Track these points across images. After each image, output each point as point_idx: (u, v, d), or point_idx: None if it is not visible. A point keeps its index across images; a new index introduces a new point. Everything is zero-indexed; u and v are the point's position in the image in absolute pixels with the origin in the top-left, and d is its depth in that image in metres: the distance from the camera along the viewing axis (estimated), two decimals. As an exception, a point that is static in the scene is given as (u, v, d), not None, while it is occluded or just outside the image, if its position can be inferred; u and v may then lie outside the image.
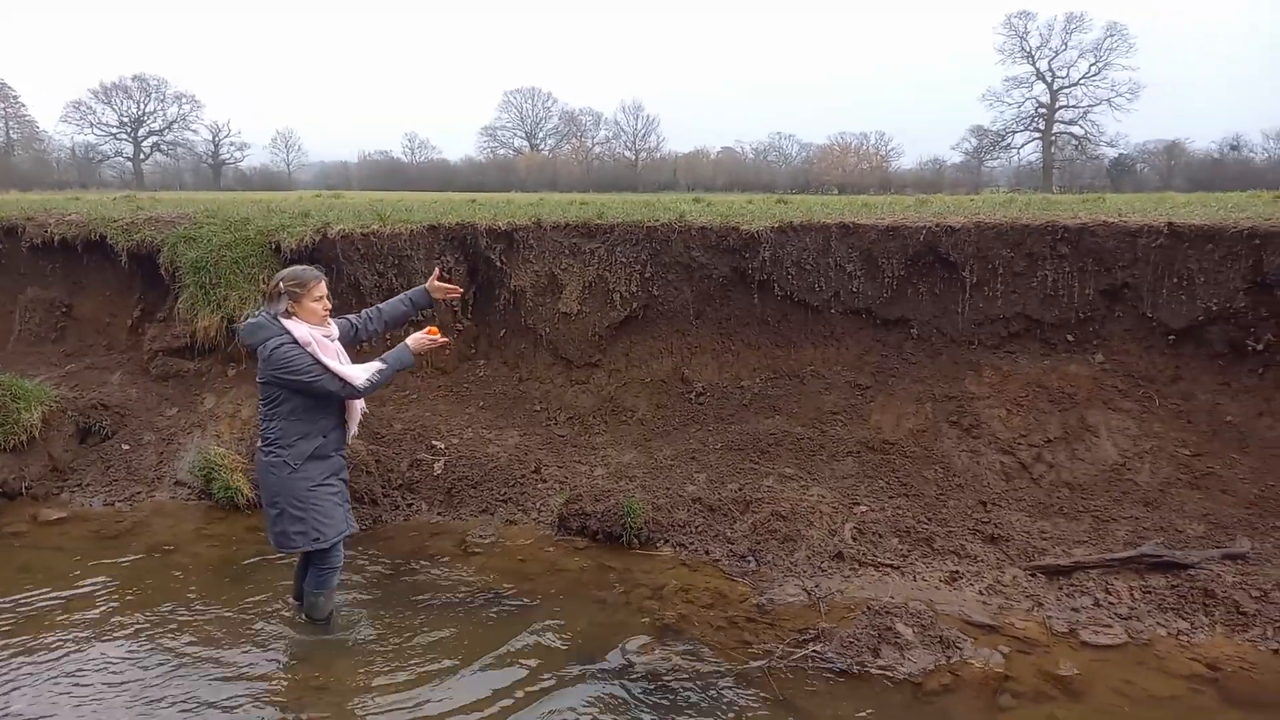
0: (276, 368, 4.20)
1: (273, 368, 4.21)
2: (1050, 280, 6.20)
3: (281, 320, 4.26)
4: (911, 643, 4.32)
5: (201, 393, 7.37)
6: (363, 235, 7.24)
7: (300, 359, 4.20)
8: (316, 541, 4.40)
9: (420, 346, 4.56)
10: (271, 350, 4.18)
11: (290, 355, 4.19)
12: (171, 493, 6.68)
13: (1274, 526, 5.16)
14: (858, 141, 61.22)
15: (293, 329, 4.23)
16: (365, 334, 4.77)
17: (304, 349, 4.22)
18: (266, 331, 4.24)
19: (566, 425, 7.04)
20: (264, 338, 4.23)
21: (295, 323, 4.26)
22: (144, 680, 4.12)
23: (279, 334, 4.22)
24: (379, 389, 4.54)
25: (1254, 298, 5.63)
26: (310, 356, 4.23)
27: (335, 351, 4.39)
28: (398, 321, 4.99)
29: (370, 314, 4.80)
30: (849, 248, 6.67)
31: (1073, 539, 5.31)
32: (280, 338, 4.21)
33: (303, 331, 4.24)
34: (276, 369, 4.20)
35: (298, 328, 4.24)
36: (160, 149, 64.17)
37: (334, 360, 4.31)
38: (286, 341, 4.20)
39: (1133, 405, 5.93)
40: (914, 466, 6.03)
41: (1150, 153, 54.20)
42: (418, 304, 4.92)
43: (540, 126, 68.99)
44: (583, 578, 5.28)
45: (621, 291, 7.11)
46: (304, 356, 4.21)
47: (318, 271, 4.43)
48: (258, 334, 4.25)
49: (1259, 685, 4.02)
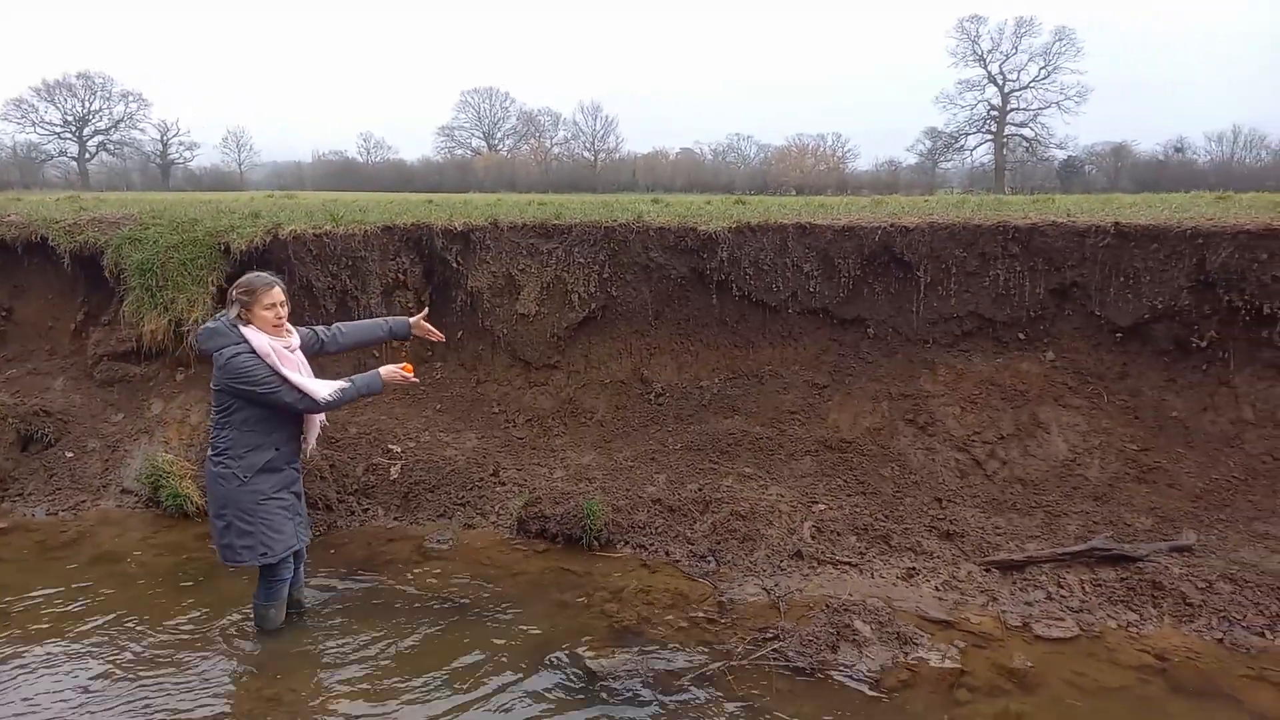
0: (231, 376, 4.09)
1: (227, 376, 4.10)
2: (1002, 280, 6.30)
3: (240, 328, 4.14)
4: (869, 640, 4.36)
5: (148, 398, 7.18)
6: (315, 236, 7.11)
7: (257, 369, 4.09)
8: (264, 557, 4.30)
9: (391, 379, 4.47)
10: (228, 359, 4.08)
11: (247, 365, 4.08)
12: (118, 501, 6.50)
13: (1218, 519, 5.30)
14: (815, 143, 61.90)
15: (251, 338, 4.12)
16: (332, 346, 4.68)
17: (263, 359, 4.11)
18: (223, 339, 4.13)
19: (525, 427, 6.98)
20: (220, 345, 4.12)
21: (254, 331, 4.15)
22: (91, 693, 4.00)
23: (236, 342, 4.11)
24: (337, 408, 4.45)
25: (1197, 296, 5.78)
26: (269, 367, 4.12)
27: (297, 363, 4.29)
28: (368, 343, 4.96)
29: (341, 329, 4.72)
30: (806, 248, 6.71)
31: (1026, 534, 5.40)
32: (237, 346, 4.10)
33: (262, 341, 4.13)
34: (231, 378, 4.09)
35: (256, 337, 4.13)
36: (106, 148, 62.56)
37: (294, 372, 4.20)
38: (244, 351, 4.10)
39: (1082, 402, 6.05)
40: (871, 465, 6.09)
41: (1098, 154, 55.62)
42: (395, 333, 4.86)
43: (498, 127, 68.64)
44: (542, 581, 5.23)
45: (580, 292, 7.07)
46: (262, 367, 4.10)
47: (271, 279, 4.29)
48: (214, 340, 4.14)
49: (1204, 674, 4.12)
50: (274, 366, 4.12)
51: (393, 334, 4.85)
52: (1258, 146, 52.53)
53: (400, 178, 57.15)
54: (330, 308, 7.11)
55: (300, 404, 4.21)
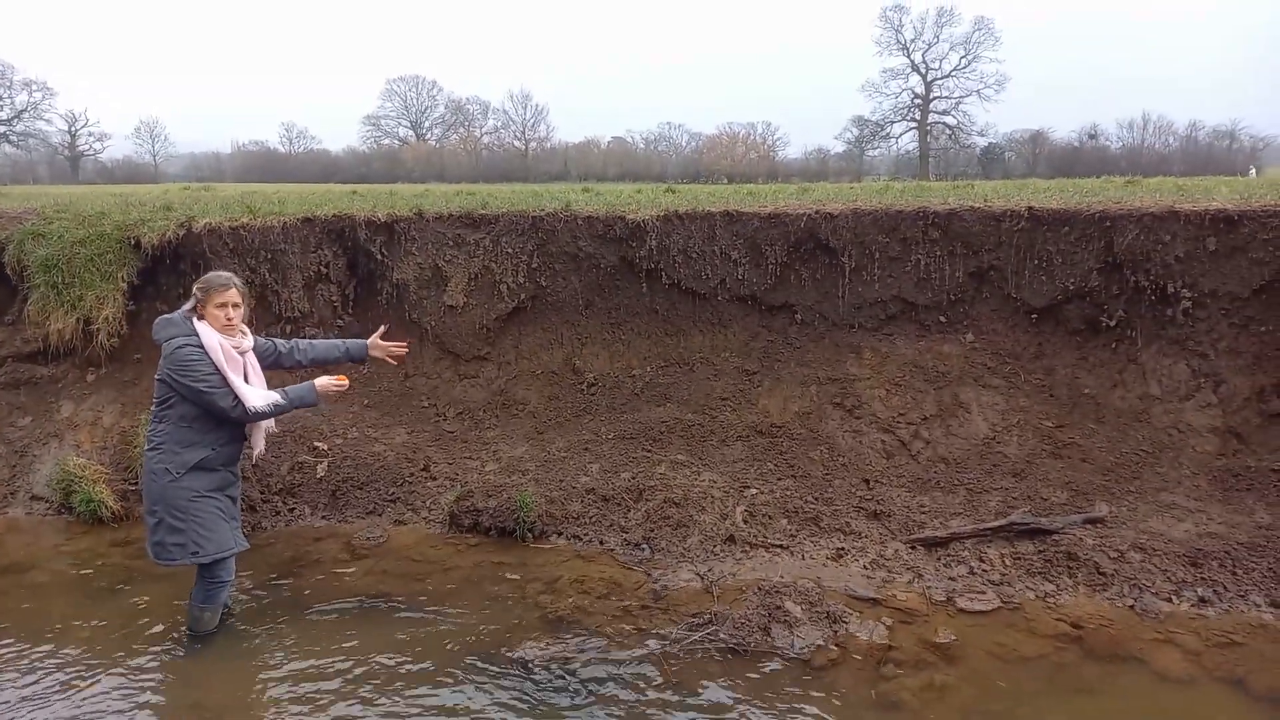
0: (174, 367, 4.09)
1: (170, 365, 4.10)
2: (923, 264, 6.45)
3: (194, 321, 4.17)
4: (800, 620, 4.43)
5: (58, 400, 6.87)
6: (231, 229, 6.88)
7: (201, 365, 4.08)
8: (195, 556, 4.22)
9: (326, 390, 4.46)
10: (175, 349, 4.09)
11: (191, 359, 4.07)
12: (27, 508, 6.22)
13: (1128, 491, 5.53)
14: (746, 131, 62.33)
15: (202, 332, 4.14)
16: (288, 361, 4.68)
17: (207, 355, 4.09)
18: (175, 329, 4.16)
19: (456, 421, 6.90)
20: (170, 335, 4.14)
21: (206, 327, 4.16)
22: (3, 708, 3.83)
23: (187, 334, 4.13)
24: (267, 419, 4.40)
25: (1106, 277, 6.00)
26: (212, 365, 4.10)
27: (243, 366, 4.27)
28: (324, 363, 4.91)
29: (300, 345, 4.72)
30: (734, 235, 6.77)
31: (949, 511, 5.55)
32: (188, 338, 4.11)
33: (211, 338, 4.14)
34: (174, 368, 4.09)
35: (207, 332, 4.14)
36: (9, 140, 59.43)
37: (236, 375, 4.17)
38: (192, 344, 4.10)
39: (1000, 381, 6.24)
40: (801, 448, 6.18)
41: (1017, 142, 57.30)
42: (353, 357, 4.87)
43: (426, 115, 67.40)
44: (475, 575, 5.19)
45: (509, 283, 7.00)
46: (206, 364, 4.09)
47: (228, 279, 4.30)
48: (166, 330, 4.18)
49: (1116, 640, 4.31)
50: (218, 364, 4.11)
51: (349, 356, 4.84)
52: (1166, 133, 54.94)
53: (325, 169, 55.72)
54: (250, 302, 6.88)
55: (233, 410, 4.17)
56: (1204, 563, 4.83)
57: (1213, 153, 49.89)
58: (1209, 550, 4.91)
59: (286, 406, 4.35)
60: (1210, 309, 5.75)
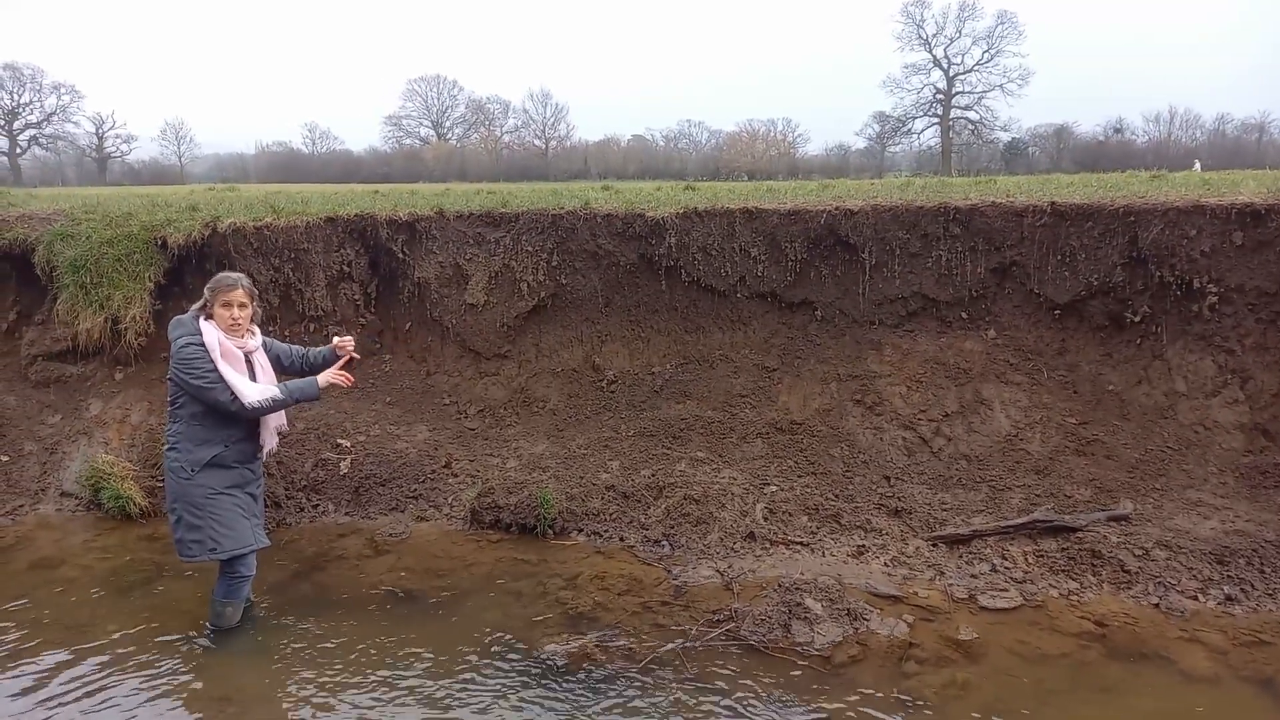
0: (178, 364, 4.19)
1: (175, 363, 4.21)
2: (944, 260, 6.41)
3: (200, 320, 4.26)
4: (821, 617, 4.43)
5: (87, 398, 6.98)
6: (255, 229, 6.96)
7: (201, 362, 4.16)
8: (213, 552, 4.30)
9: (327, 383, 4.48)
10: (179, 347, 4.19)
11: (192, 356, 4.16)
12: (57, 505, 6.32)
13: (1153, 488, 5.47)
14: (766, 128, 62.18)
15: (204, 331, 4.23)
16: (290, 368, 4.73)
17: (206, 352, 4.17)
18: (183, 329, 4.26)
19: (477, 418, 6.94)
20: (178, 334, 4.24)
21: (209, 326, 4.25)
22: (33, 700, 3.89)
23: (191, 333, 4.22)
24: (267, 413, 4.39)
25: (1130, 272, 5.94)
26: (211, 362, 4.17)
27: (245, 362, 4.32)
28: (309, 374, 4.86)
29: (297, 353, 4.74)
30: (753, 232, 6.76)
31: (971, 509, 5.52)
32: (191, 337, 4.21)
33: (211, 335, 4.22)
34: (178, 365, 4.20)
35: (209, 331, 4.23)
36: (39, 142, 60.42)
37: (234, 371, 4.23)
38: (195, 342, 4.19)
39: (1023, 378, 6.19)
40: (821, 445, 6.17)
41: (1041, 136, 56.77)
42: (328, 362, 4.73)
43: (447, 115, 67.75)
44: (497, 571, 5.22)
45: (529, 281, 7.03)
46: (205, 360, 4.17)
47: (235, 280, 4.35)
48: (176, 329, 4.29)
49: (1141, 639, 4.27)
50: (215, 360, 4.18)
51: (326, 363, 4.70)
52: (1193, 126, 54.18)
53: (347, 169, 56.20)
54: (274, 301, 6.98)
55: (231, 405, 4.22)
56: (1231, 560, 4.77)
57: (1241, 145, 49.13)
58: (1236, 548, 4.85)
59: (286, 401, 4.35)
60: (1237, 304, 5.67)
